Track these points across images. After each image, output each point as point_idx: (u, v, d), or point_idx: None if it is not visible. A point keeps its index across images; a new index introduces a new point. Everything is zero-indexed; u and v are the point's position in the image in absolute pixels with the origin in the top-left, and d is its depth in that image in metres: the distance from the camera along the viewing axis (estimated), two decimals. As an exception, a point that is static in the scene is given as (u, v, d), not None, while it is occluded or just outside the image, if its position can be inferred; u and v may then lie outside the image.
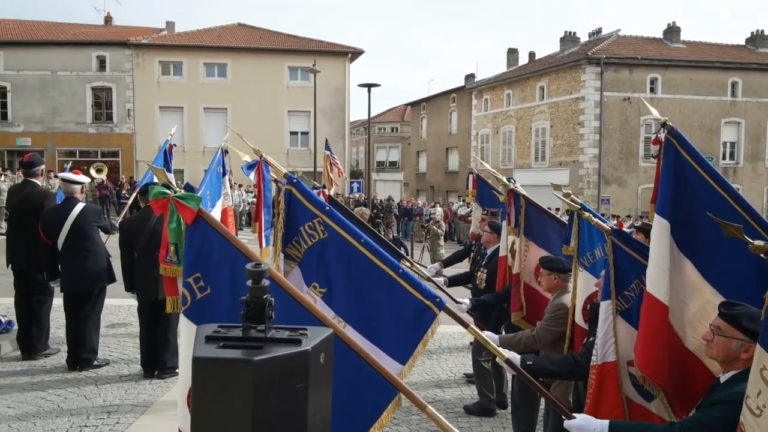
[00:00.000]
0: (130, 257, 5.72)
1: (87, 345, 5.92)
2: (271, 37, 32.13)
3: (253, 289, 1.45)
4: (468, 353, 6.96)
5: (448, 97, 40.29)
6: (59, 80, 28.85)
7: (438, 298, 2.79)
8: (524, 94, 33.10)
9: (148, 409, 4.99)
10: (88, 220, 5.93)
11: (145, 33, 30.80)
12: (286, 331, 1.42)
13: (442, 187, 40.30)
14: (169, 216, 2.45)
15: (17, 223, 6.32)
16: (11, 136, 28.75)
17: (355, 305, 2.92)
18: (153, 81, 29.46)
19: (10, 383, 5.49)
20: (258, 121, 26.69)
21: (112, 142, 29.50)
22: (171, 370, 5.76)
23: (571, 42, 33.86)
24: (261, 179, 4.46)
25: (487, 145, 36.00)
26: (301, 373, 1.31)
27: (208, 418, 1.29)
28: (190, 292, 2.43)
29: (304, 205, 3.09)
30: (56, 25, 32.05)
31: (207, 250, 2.45)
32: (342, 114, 31.09)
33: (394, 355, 2.79)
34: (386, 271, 2.84)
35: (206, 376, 1.30)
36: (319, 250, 3.06)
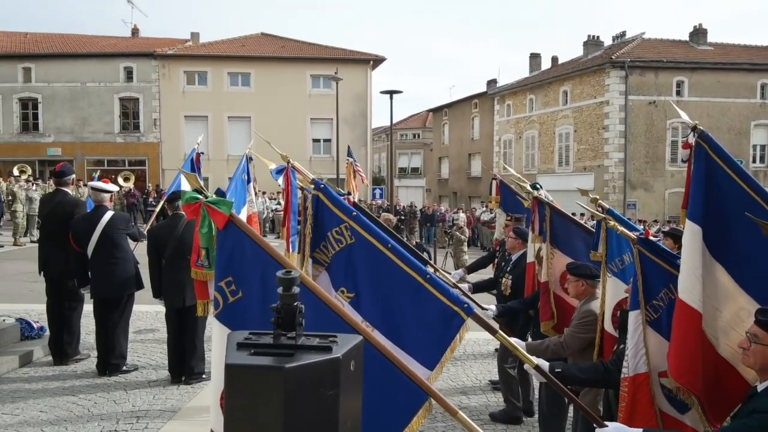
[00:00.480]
0: (158, 264, 5.80)
1: (116, 350, 6.01)
2: (293, 46, 32.46)
3: (284, 296, 1.46)
4: (493, 360, 6.90)
5: (470, 102, 40.18)
6: (88, 91, 29.52)
7: (466, 304, 2.77)
8: (547, 98, 32.85)
9: (175, 414, 5.05)
10: (116, 227, 6.04)
11: (170, 44, 31.36)
12: (316, 338, 1.43)
13: (465, 193, 40.13)
14: (200, 221, 2.48)
15: (49, 231, 6.46)
16: (42, 146, 29.48)
17: (383, 310, 2.92)
18: (178, 91, 29.96)
19: (43, 388, 5.60)
20: (281, 128, 26.91)
21: (139, 151, 30.04)
22: (198, 376, 5.82)
23: (595, 46, 33.52)
24: (288, 185, 4.49)
25: (510, 150, 35.78)
26: (332, 381, 1.31)
27: (241, 424, 1.30)
28: (222, 296, 2.46)
29: (332, 211, 3.10)
30: (85, 38, 32.82)
31: (238, 255, 2.47)
32: (364, 121, 31.21)
33: (422, 361, 2.78)
34: (414, 276, 2.84)
35: (238, 383, 1.32)
36: (346, 255, 3.07)
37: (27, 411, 5.02)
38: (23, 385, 5.66)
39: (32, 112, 29.69)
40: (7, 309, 8.27)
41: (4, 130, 29.56)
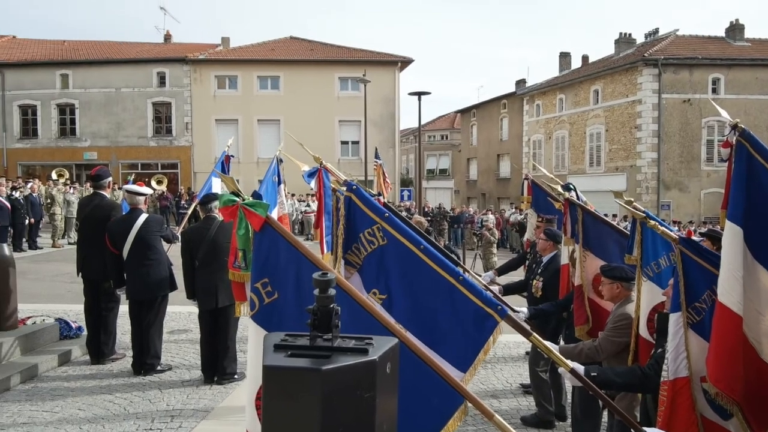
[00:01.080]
0: (191, 266, 5.88)
1: (151, 350, 6.12)
2: (322, 48, 32.70)
3: (320, 298, 1.46)
4: (524, 363, 6.82)
5: (498, 103, 39.87)
6: (123, 96, 30.23)
7: (499, 306, 2.74)
8: (578, 98, 32.39)
9: (208, 414, 5.12)
10: (151, 230, 6.15)
11: (202, 49, 31.89)
12: (352, 340, 1.43)
13: (494, 194, 39.83)
14: (237, 223, 2.51)
15: (87, 234, 6.62)
16: (79, 151, 30.29)
17: (415, 312, 2.91)
18: (209, 95, 30.45)
19: (81, 386, 5.74)
20: (309, 131, 27.08)
21: (171, 155, 30.62)
22: (230, 376, 5.89)
23: (627, 44, 32.92)
24: (321, 186, 4.52)
25: (540, 151, 35.38)
26: (368, 383, 1.31)
27: (278, 426, 1.31)
28: (258, 297, 2.49)
29: (364, 212, 3.10)
30: (120, 45, 33.62)
31: (274, 256, 2.50)
32: (392, 122, 31.24)
33: (455, 363, 2.76)
34: (446, 277, 2.82)
35: (276, 384, 1.33)
36: (378, 256, 3.07)
37: (66, 409, 5.15)
38: (62, 384, 5.81)
39: (69, 117, 30.56)
40: (47, 309, 8.51)
41: (42, 135, 30.48)
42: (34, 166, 30.41)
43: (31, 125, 30.60)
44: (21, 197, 16.43)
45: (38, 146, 30.49)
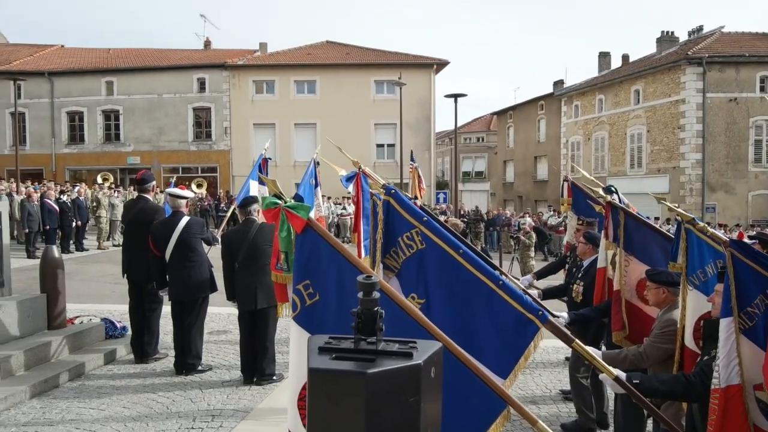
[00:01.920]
0: (231, 268, 5.97)
1: (192, 350, 6.24)
2: (358, 52, 32.88)
3: (364, 301, 1.46)
4: (563, 369, 6.70)
5: (535, 104, 39.36)
6: (164, 102, 31.04)
7: (540, 311, 2.70)
8: (618, 98, 31.69)
9: (248, 414, 5.18)
10: (192, 232, 6.28)
11: (240, 55, 32.47)
12: (396, 344, 1.43)
13: (531, 197, 39.30)
14: (280, 225, 2.54)
15: (131, 236, 6.81)
16: (123, 155, 31.23)
17: (454, 317, 2.88)
18: (248, 100, 30.97)
19: (125, 385, 5.90)
20: (345, 134, 27.28)
21: (211, 159, 31.25)
22: (269, 377, 5.95)
23: (669, 42, 32.07)
24: (360, 190, 4.53)
25: (578, 152, 34.75)
26: (413, 387, 1.30)
27: (324, 428, 1.31)
28: (299, 298, 2.51)
29: (402, 216, 3.09)
30: (162, 52, 34.52)
31: (316, 258, 2.51)
32: (428, 125, 31.17)
33: (495, 369, 2.72)
34: (486, 282, 2.79)
35: (321, 387, 1.33)
36: (417, 260, 3.06)
37: (112, 407, 5.29)
38: (108, 382, 5.98)
39: (114, 123, 31.53)
40: (93, 309, 8.79)
41: (89, 141, 31.53)
42: (80, 170, 31.49)
43: (78, 131, 31.70)
44: (68, 201, 17.03)
45: (85, 151, 31.55)
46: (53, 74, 31.07)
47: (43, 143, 31.37)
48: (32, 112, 31.22)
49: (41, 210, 15.62)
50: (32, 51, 34.52)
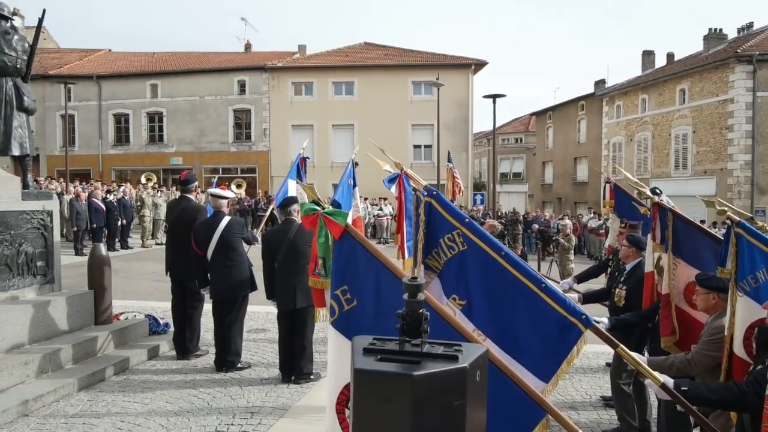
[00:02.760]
0: (271, 267, 6.04)
1: (232, 348, 6.35)
2: (395, 53, 32.92)
3: (409, 302, 1.45)
4: (604, 375, 6.56)
5: (576, 104, 38.63)
6: (206, 104, 31.72)
7: (584, 315, 2.64)
8: (662, 98, 30.83)
9: (286, 412, 5.24)
10: (233, 232, 6.38)
11: (279, 57, 32.92)
12: (441, 347, 1.41)
13: (570, 199, 38.58)
14: (318, 231, 2.56)
15: (175, 236, 6.96)
16: (166, 156, 32.05)
17: (495, 319, 2.85)
18: (286, 101, 31.36)
19: (167, 380, 6.04)
20: (383, 135, 27.34)
21: (250, 160, 31.77)
22: (306, 376, 6.00)
23: (717, 40, 31.00)
24: (402, 192, 4.53)
25: (620, 153, 33.94)
26: (459, 390, 1.29)
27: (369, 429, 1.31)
28: (337, 304, 2.52)
29: (444, 217, 3.08)
30: (204, 55, 35.30)
31: (353, 264, 2.52)
32: (465, 126, 30.98)
33: (536, 372, 2.68)
34: (528, 285, 2.75)
35: (367, 388, 1.33)
36: (458, 261, 3.04)
37: (155, 401, 5.43)
38: (151, 377, 6.13)
39: (158, 124, 32.40)
40: (137, 306, 9.03)
41: (134, 142, 32.48)
42: (126, 170, 32.44)
43: (123, 132, 32.69)
44: (114, 200, 17.56)
45: (130, 152, 32.52)
46: (101, 78, 32.14)
47: (90, 144, 32.47)
48: (81, 115, 32.36)
49: (89, 209, 16.15)
50: (81, 55, 35.78)
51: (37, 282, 6.44)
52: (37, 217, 6.44)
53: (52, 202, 6.92)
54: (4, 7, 6.85)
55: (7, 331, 5.69)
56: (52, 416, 5.00)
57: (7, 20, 6.86)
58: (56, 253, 6.72)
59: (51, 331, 6.22)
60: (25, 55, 6.95)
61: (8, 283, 6.07)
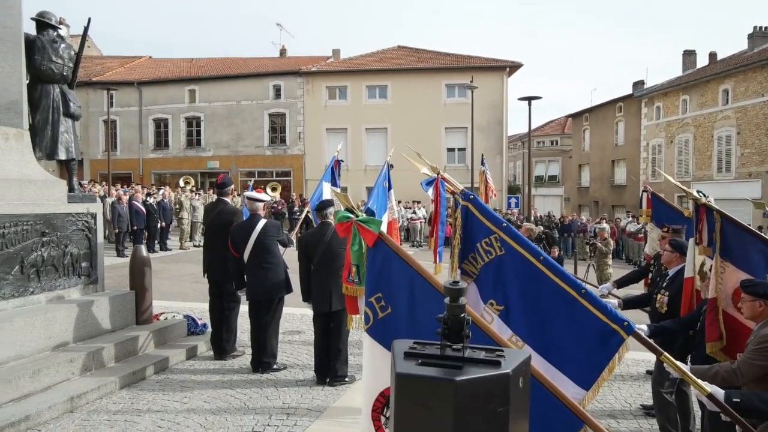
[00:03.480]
0: (307, 269, 6.10)
1: (268, 349, 6.42)
2: (429, 56, 32.87)
3: (451, 307, 1.44)
4: (644, 383, 6.41)
5: (613, 106, 37.88)
6: (242, 109, 32.26)
7: (626, 322, 2.58)
8: (704, 99, 29.97)
9: (321, 414, 5.27)
10: (269, 234, 6.45)
11: (314, 62, 33.25)
12: (482, 352, 1.40)
13: (608, 202, 37.82)
14: (351, 238, 2.56)
15: (212, 238, 7.09)
16: (203, 160, 32.71)
17: (533, 324, 2.81)
18: (321, 105, 31.65)
19: (205, 380, 6.15)
20: (416, 138, 27.31)
21: (285, 163, 32.16)
22: (341, 379, 6.02)
23: (763, 38, 30.00)
24: (438, 196, 4.52)
25: (660, 156, 33.12)
26: (502, 397, 1.27)
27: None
28: (372, 311, 2.52)
29: (481, 222, 3.05)
30: (240, 60, 35.91)
31: (387, 272, 2.52)
32: (499, 128, 30.70)
33: (576, 379, 2.63)
34: (567, 290, 2.70)
35: (408, 392, 1.32)
36: (496, 266, 3.00)
37: (193, 400, 5.53)
38: (189, 376, 6.25)
39: (196, 129, 33.10)
40: (176, 306, 9.22)
41: (172, 146, 33.25)
42: (165, 174, 33.22)
43: (163, 137, 33.51)
44: (154, 203, 18.00)
45: (169, 156, 33.29)
46: (142, 84, 33.02)
47: (131, 148, 33.37)
48: (122, 120, 33.30)
49: (130, 211, 16.59)
50: (123, 62, 36.84)
51: (82, 282, 6.64)
52: (82, 220, 6.64)
53: (96, 204, 7.13)
54: (52, 16, 7.10)
55: (54, 329, 5.88)
56: (95, 413, 5.15)
57: (55, 29, 7.11)
58: (100, 255, 6.92)
59: (94, 330, 6.40)
60: (71, 62, 7.19)
61: (55, 283, 6.27)
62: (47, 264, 6.16)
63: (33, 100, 6.89)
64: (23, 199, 6.05)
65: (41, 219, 6.10)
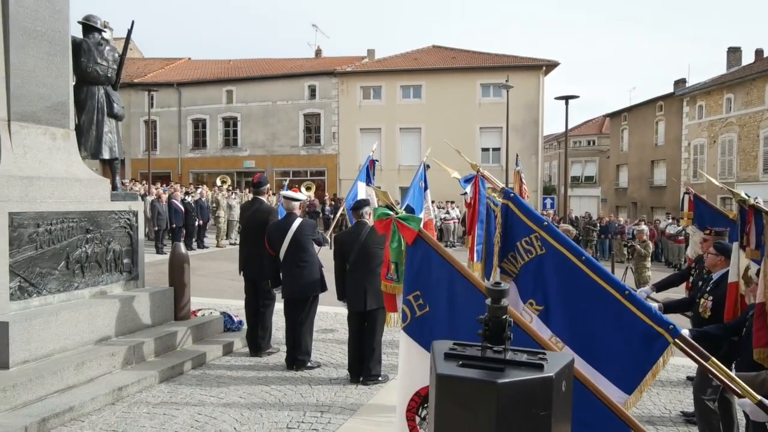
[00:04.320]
0: (342, 268, 6.14)
1: (302, 347, 6.48)
2: (464, 56, 32.67)
3: (492, 308, 1.43)
4: (684, 389, 6.24)
5: (653, 105, 36.95)
6: (278, 109, 32.66)
7: (671, 325, 2.50)
8: (749, 97, 28.97)
9: (355, 413, 5.29)
10: (305, 233, 6.52)
11: (348, 62, 33.42)
12: (524, 354, 1.38)
13: (646, 203, 36.93)
14: (391, 236, 2.56)
15: (248, 236, 7.20)
16: (240, 160, 33.23)
17: (575, 326, 2.75)
18: (355, 105, 31.79)
19: (241, 376, 6.24)
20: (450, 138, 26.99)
21: (319, 163, 32.41)
22: (374, 378, 6.04)
23: (813, 33, 28.83)
24: (477, 193, 4.49)
25: (702, 156, 32.16)
26: (544, 401, 1.25)
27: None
28: (410, 309, 2.51)
29: (521, 220, 3.01)
30: (276, 61, 36.36)
31: (426, 270, 2.50)
32: (535, 128, 30.31)
33: (618, 383, 2.57)
34: (611, 291, 2.64)
35: (449, 394, 1.32)
36: (536, 266, 2.96)
37: (229, 396, 5.62)
38: (226, 372, 6.36)
39: (232, 129, 33.66)
40: (212, 303, 9.38)
41: (210, 146, 33.88)
42: (202, 173, 33.87)
43: (201, 137, 34.18)
44: (192, 201, 18.38)
45: (206, 156, 33.93)
46: (181, 85, 33.75)
47: (171, 148, 34.13)
48: (162, 120, 34.09)
49: (169, 210, 16.99)
50: (163, 64, 37.73)
51: (123, 278, 6.83)
52: (124, 217, 6.82)
53: (138, 203, 7.31)
54: (97, 20, 7.33)
55: (97, 323, 6.06)
56: (135, 405, 5.28)
57: (99, 32, 7.33)
58: (140, 251, 7.10)
59: (135, 325, 6.57)
60: (115, 64, 7.40)
61: (98, 279, 6.46)
62: (91, 260, 6.35)
63: (79, 101, 7.12)
64: (69, 197, 6.25)
65: (86, 216, 6.29)
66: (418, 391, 2.49)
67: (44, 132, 6.23)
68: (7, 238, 5.39)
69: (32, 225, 5.67)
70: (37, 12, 6.07)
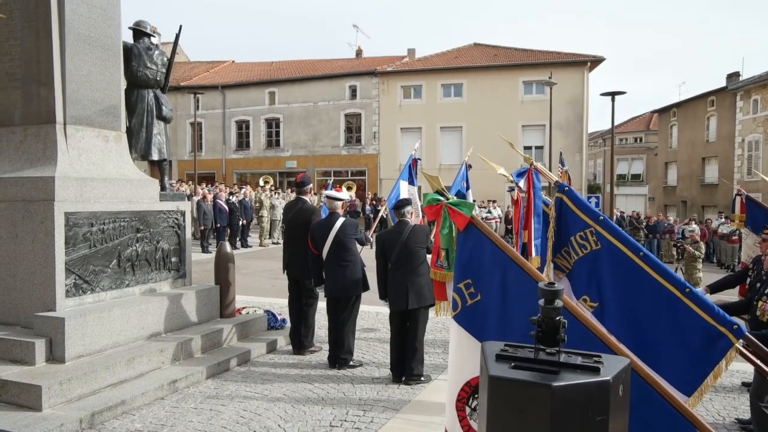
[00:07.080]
0: (385, 268, 6.14)
1: (345, 346, 6.52)
2: (505, 53, 32.28)
3: (546, 309, 1.39)
4: (739, 395, 6.00)
5: (704, 100, 35.66)
6: (319, 110, 33.00)
7: (736, 325, 2.39)
8: (809, 90, 27.64)
9: (397, 412, 5.28)
10: (347, 233, 6.55)
11: (389, 62, 33.46)
12: (579, 357, 1.34)
13: (697, 202, 35.68)
14: (441, 222, 2.52)
15: (291, 235, 7.28)
16: (282, 160, 33.73)
17: (631, 324, 2.65)
18: (395, 105, 31.80)
19: (285, 373, 6.32)
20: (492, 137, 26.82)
21: (360, 162, 32.58)
22: (417, 378, 6.02)
23: None
24: (531, 187, 4.41)
25: (757, 152, 30.85)
26: (601, 405, 1.21)
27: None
28: (460, 297, 2.46)
29: (576, 215, 2.92)
30: (318, 62, 36.74)
31: (478, 257, 2.45)
32: (579, 125, 29.67)
33: (676, 384, 2.46)
34: (670, 289, 2.53)
35: (502, 396, 1.29)
36: (590, 261, 2.87)
37: (273, 392, 5.70)
38: (270, 369, 6.45)
39: (275, 130, 34.20)
40: (256, 301, 9.55)
41: (253, 147, 34.51)
42: (246, 174, 34.53)
43: (244, 138, 34.86)
44: (236, 201, 18.74)
45: (250, 156, 34.58)
46: (225, 87, 34.50)
47: (215, 149, 34.93)
48: (207, 122, 34.92)
49: (214, 209, 17.36)
50: (208, 67, 38.62)
51: (171, 276, 7.01)
52: (172, 217, 7.00)
53: (185, 203, 7.50)
54: (147, 25, 7.55)
55: (147, 320, 6.25)
56: (183, 400, 5.42)
57: (149, 37, 7.55)
58: (188, 250, 7.27)
59: (183, 322, 6.74)
60: (164, 68, 7.61)
61: (147, 277, 6.65)
62: (141, 258, 6.55)
63: (129, 104, 7.35)
64: (121, 197, 6.45)
65: (136, 216, 6.49)
66: (468, 382, 2.43)
67: (97, 135, 6.45)
68: (63, 237, 5.61)
69: (86, 224, 5.88)
70: (90, 19, 6.29)
